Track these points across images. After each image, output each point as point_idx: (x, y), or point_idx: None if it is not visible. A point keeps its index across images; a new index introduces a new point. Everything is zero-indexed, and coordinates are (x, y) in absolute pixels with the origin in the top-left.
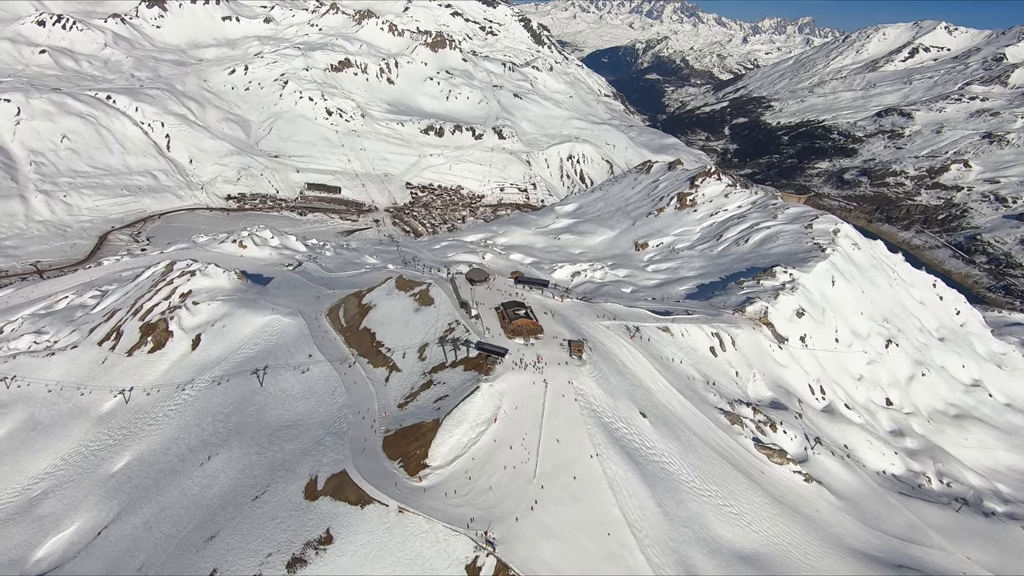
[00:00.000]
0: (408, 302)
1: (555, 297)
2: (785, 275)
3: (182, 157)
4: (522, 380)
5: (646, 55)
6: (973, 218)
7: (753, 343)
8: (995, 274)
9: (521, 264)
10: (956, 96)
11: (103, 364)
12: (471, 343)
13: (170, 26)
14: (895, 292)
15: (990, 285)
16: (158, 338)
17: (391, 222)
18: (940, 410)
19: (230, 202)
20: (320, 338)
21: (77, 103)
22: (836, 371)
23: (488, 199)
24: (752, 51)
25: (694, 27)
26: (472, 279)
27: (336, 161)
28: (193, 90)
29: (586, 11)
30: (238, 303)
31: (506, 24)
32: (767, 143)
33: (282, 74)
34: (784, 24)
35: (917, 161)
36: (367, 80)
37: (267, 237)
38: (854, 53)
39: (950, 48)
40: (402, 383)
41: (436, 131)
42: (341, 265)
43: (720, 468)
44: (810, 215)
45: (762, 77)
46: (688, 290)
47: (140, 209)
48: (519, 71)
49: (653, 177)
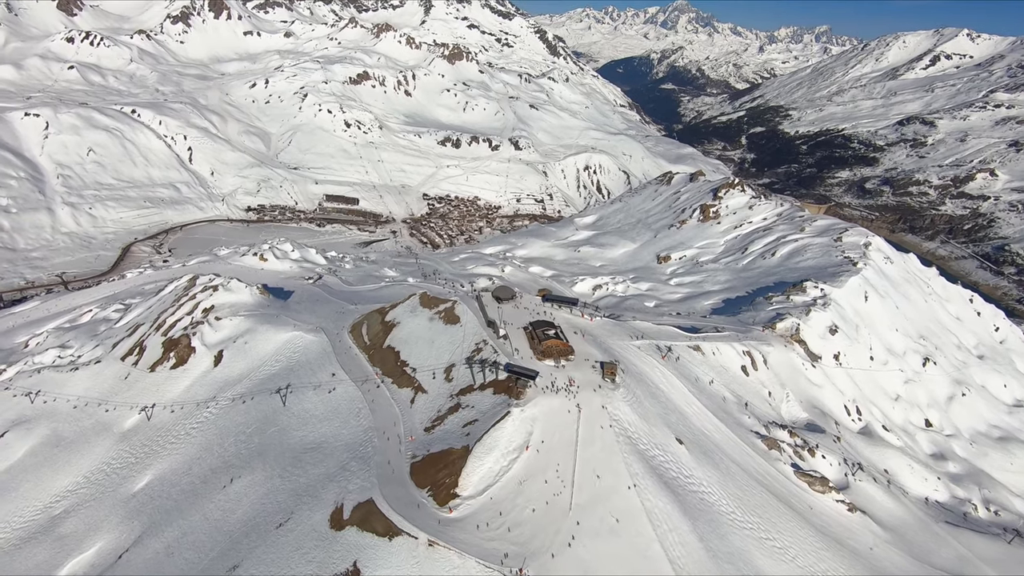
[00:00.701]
0: (433, 320)
1: (584, 316)
2: (816, 290)
3: (204, 169)
4: (554, 405)
5: (661, 65)
6: (1001, 228)
7: (785, 361)
8: None
9: (541, 277)
10: (980, 104)
11: (126, 380)
12: (500, 365)
13: (193, 41)
14: (930, 308)
15: (1020, 297)
16: (180, 354)
17: (408, 233)
18: (983, 432)
19: (250, 214)
20: (343, 356)
21: (103, 117)
22: (872, 391)
23: (505, 210)
24: (769, 60)
25: (709, 37)
26: (499, 297)
27: (354, 173)
28: (215, 104)
29: (600, 22)
30: (260, 319)
31: (522, 36)
32: (785, 152)
33: (302, 87)
34: (801, 33)
35: (941, 170)
36: (385, 92)
37: (288, 250)
38: (873, 61)
39: (973, 55)
40: (428, 405)
41: (453, 142)
42: (361, 278)
43: (760, 498)
44: (839, 227)
45: (779, 86)
46: (714, 305)
47: (162, 221)
48: (535, 82)
49: (674, 188)
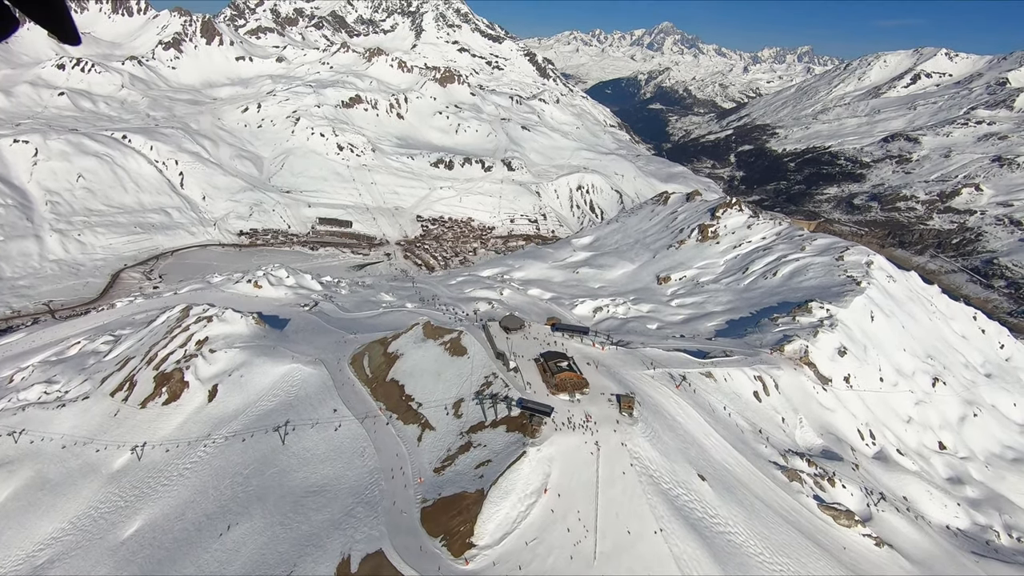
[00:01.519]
0: (438, 351)
1: (595, 345)
2: (822, 311)
3: (195, 194)
4: (571, 443)
5: (648, 86)
6: (988, 242)
7: (796, 385)
8: (1015, 298)
9: (540, 299)
10: (962, 121)
11: (115, 417)
12: (512, 400)
13: (185, 67)
14: (935, 326)
15: (1011, 310)
16: (173, 389)
17: (402, 255)
18: (997, 454)
19: (242, 238)
20: (344, 390)
21: (93, 143)
22: (884, 413)
23: (499, 231)
24: (754, 80)
25: (695, 58)
26: (507, 327)
27: (347, 195)
28: (207, 128)
29: (588, 44)
30: (256, 351)
31: (512, 59)
32: (774, 170)
33: (294, 111)
34: (783, 53)
35: (927, 185)
36: (377, 115)
37: (282, 276)
38: (856, 80)
39: (951, 74)
40: (437, 444)
41: (446, 164)
42: (357, 304)
43: (787, 535)
44: (840, 246)
45: (765, 105)
46: (717, 326)
47: (153, 246)
48: (526, 104)
49: (671, 208)
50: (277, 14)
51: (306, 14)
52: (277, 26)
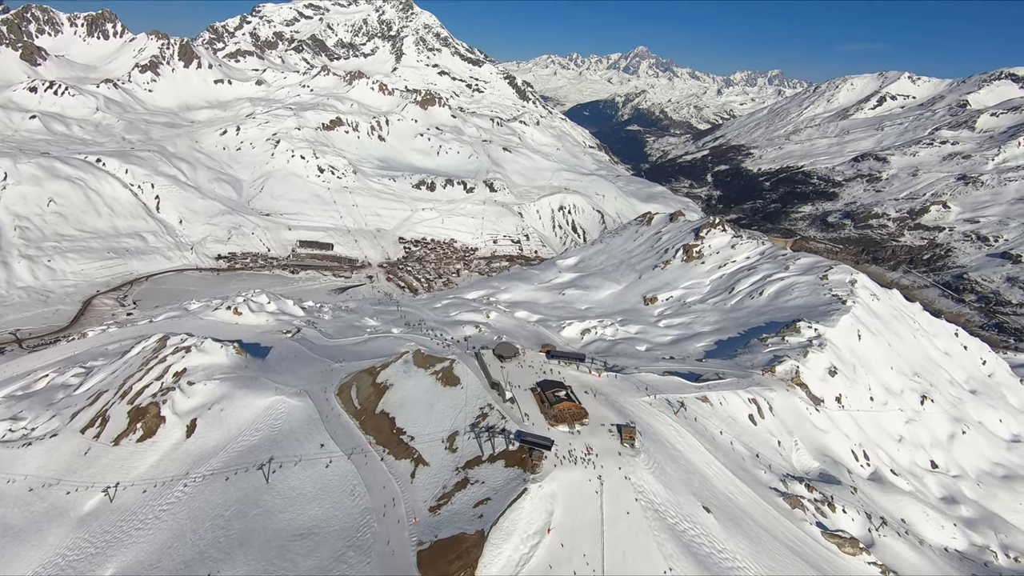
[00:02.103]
0: (430, 381)
1: (592, 372)
2: (810, 330)
3: (172, 218)
4: (574, 478)
5: (626, 108)
6: (958, 257)
7: (790, 407)
8: (986, 312)
9: (527, 322)
10: (928, 141)
11: (86, 455)
12: (510, 433)
13: (162, 90)
14: (920, 343)
15: (983, 323)
16: (148, 424)
17: (385, 278)
18: (987, 471)
19: (220, 262)
20: (331, 423)
21: (66, 167)
22: (876, 433)
23: (482, 251)
24: (727, 102)
25: (670, 81)
26: (501, 355)
27: (328, 218)
28: (184, 151)
29: (566, 68)
30: (237, 382)
31: (491, 82)
32: (750, 189)
33: (274, 134)
34: (755, 76)
35: (897, 203)
36: (358, 138)
37: (263, 302)
38: (825, 102)
39: (915, 96)
40: (432, 480)
41: (428, 186)
42: (341, 329)
43: (794, 567)
44: (823, 265)
45: (739, 126)
46: (706, 347)
47: (127, 272)
48: (507, 125)
49: (655, 229)
50: (256, 37)
51: (286, 38)
52: (256, 49)
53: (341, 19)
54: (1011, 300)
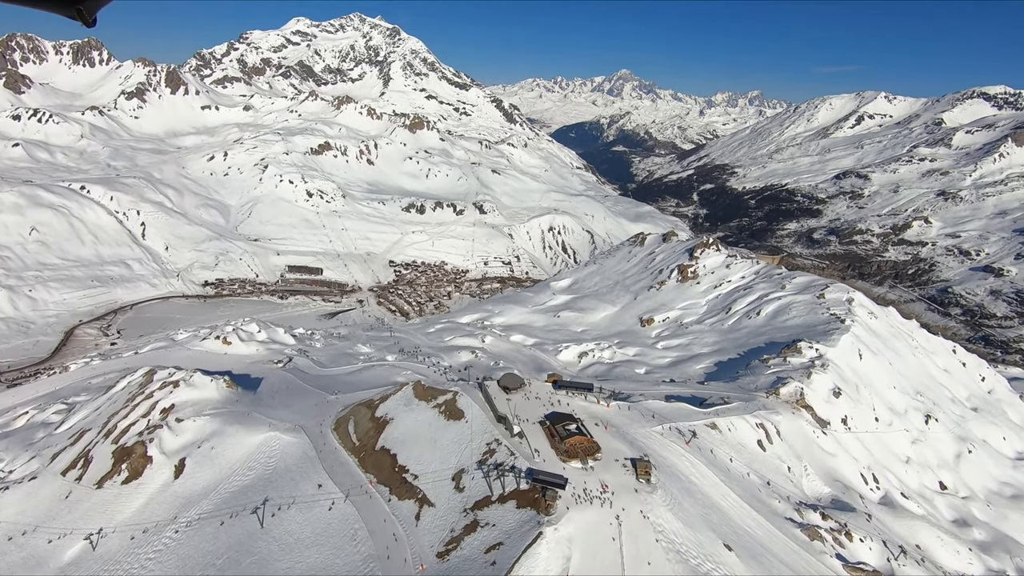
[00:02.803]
0: (432, 415)
1: (600, 402)
2: (811, 350)
3: (158, 245)
4: (591, 519)
5: (611, 129)
6: (942, 272)
7: (797, 431)
8: (972, 325)
9: (524, 346)
10: (907, 158)
11: (67, 499)
12: (520, 471)
13: (149, 116)
14: (920, 362)
15: (969, 336)
16: (134, 465)
17: (376, 302)
18: (995, 491)
19: (207, 288)
20: (329, 461)
21: (49, 195)
22: (883, 455)
23: (472, 274)
24: (710, 122)
25: (653, 102)
26: (506, 386)
27: (317, 242)
28: (171, 177)
29: (551, 91)
30: (228, 418)
31: (479, 105)
32: (736, 207)
33: (262, 159)
34: (735, 98)
35: (880, 219)
36: (347, 162)
37: (254, 331)
38: (805, 122)
39: (892, 115)
40: (438, 522)
41: (417, 208)
42: (333, 358)
43: None
44: (819, 284)
45: (723, 146)
46: (706, 369)
47: (111, 300)
48: (495, 148)
49: (648, 249)
50: (244, 64)
51: (273, 64)
52: (244, 75)
53: (328, 45)
54: (995, 313)
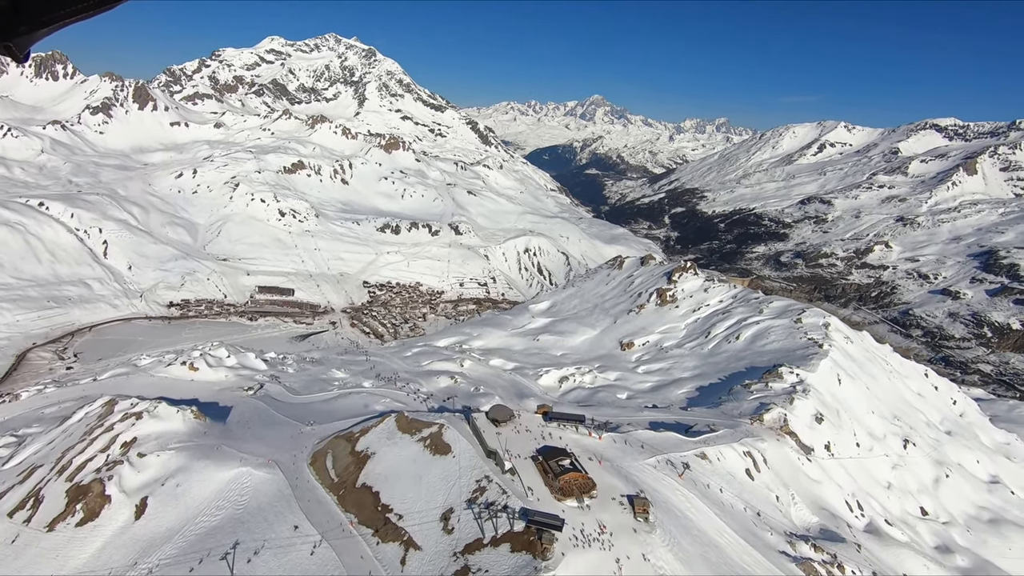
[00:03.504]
0: (417, 449)
1: (591, 434)
2: (792, 376)
3: (120, 264)
4: (590, 562)
5: (584, 152)
6: (903, 294)
7: (783, 458)
8: (932, 346)
9: (503, 370)
10: (867, 185)
11: (13, 544)
12: (514, 511)
13: (114, 132)
14: (895, 386)
15: (930, 357)
16: (90, 505)
17: (349, 324)
18: (973, 515)
19: (172, 310)
20: (306, 499)
21: (4, 211)
22: (866, 481)
23: (448, 295)
24: (680, 148)
25: (624, 127)
26: (495, 418)
27: (289, 262)
28: (136, 195)
29: (525, 114)
30: (196, 452)
31: (454, 127)
32: (706, 230)
33: (233, 177)
34: (703, 124)
35: (844, 243)
36: (321, 181)
37: (223, 356)
38: (770, 149)
39: (851, 144)
40: (426, 568)
41: (392, 229)
42: (307, 384)
43: None
44: (796, 309)
45: (692, 171)
46: (688, 394)
47: (68, 322)
48: (471, 169)
49: (627, 272)
50: (215, 81)
51: (246, 82)
52: (215, 92)
53: (303, 64)
54: (954, 335)
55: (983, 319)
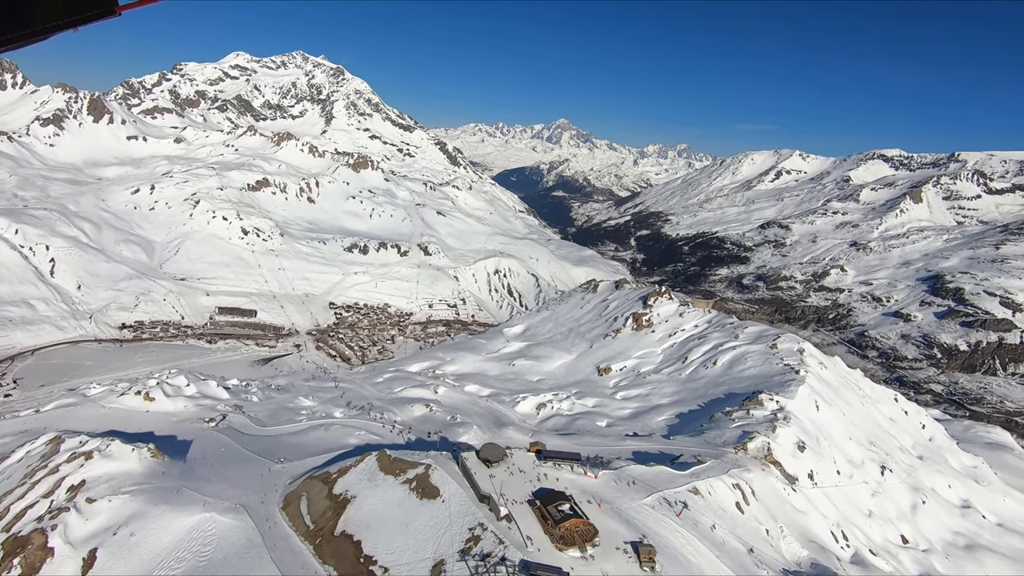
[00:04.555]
0: (402, 493)
1: (587, 473)
2: (772, 403)
3: (69, 283)
4: None
5: (551, 174)
6: (858, 317)
7: (769, 489)
8: (887, 367)
9: (479, 397)
10: (822, 211)
11: None
12: (513, 564)
13: (66, 144)
14: (868, 411)
15: (886, 378)
16: (30, 559)
17: (314, 347)
18: (950, 541)
19: (125, 332)
20: (278, 549)
21: None
22: (848, 510)
23: (417, 316)
24: (644, 171)
25: (590, 151)
26: (487, 459)
27: (252, 282)
28: (89, 210)
29: (492, 136)
30: (153, 496)
31: (423, 147)
32: (671, 253)
33: (193, 193)
34: (665, 150)
35: (802, 267)
36: (287, 199)
37: (181, 385)
38: (731, 175)
39: (806, 171)
40: None
41: (360, 249)
42: (273, 413)
43: None
44: (770, 334)
45: (656, 194)
46: (667, 421)
47: (8, 345)
48: (440, 190)
49: (601, 296)
50: (176, 95)
51: (209, 96)
52: (176, 107)
53: (269, 81)
54: (907, 355)
55: (933, 340)
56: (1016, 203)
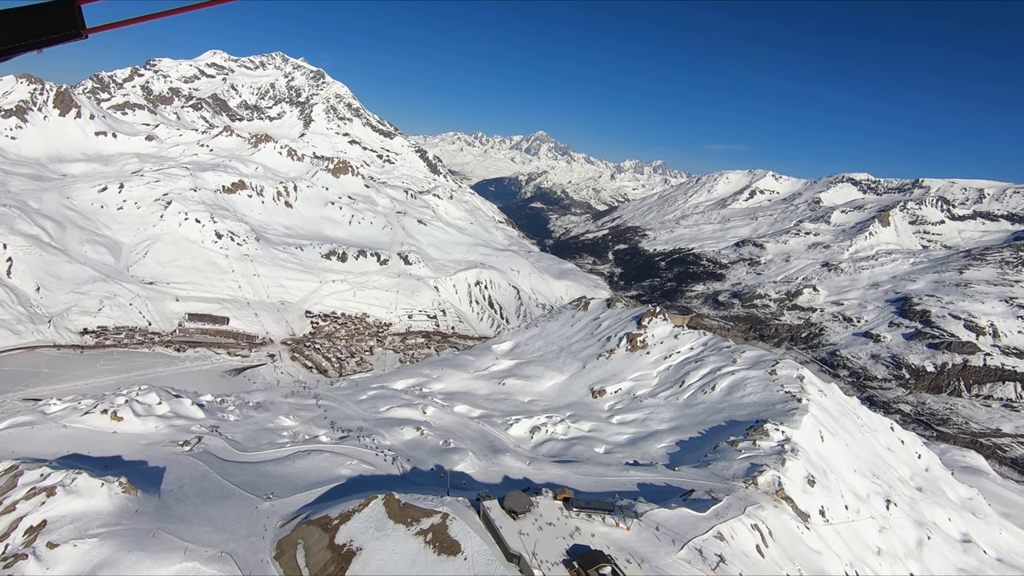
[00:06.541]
0: (416, 546)
1: (619, 525)
2: (778, 433)
3: (27, 284)
4: None
5: (529, 186)
6: (830, 336)
7: (783, 528)
8: (858, 386)
9: (469, 418)
10: (794, 231)
11: None
12: None
13: (29, 138)
14: (868, 441)
15: (858, 397)
16: None
17: (290, 357)
18: None
19: (86, 337)
20: None
21: None
22: (859, 547)
23: (396, 327)
24: (621, 186)
25: (568, 164)
26: (512, 509)
27: (225, 288)
28: (52, 208)
29: (471, 145)
30: (125, 540)
31: (403, 154)
32: (648, 267)
33: (165, 194)
34: (641, 165)
35: (776, 285)
36: (263, 203)
37: (152, 403)
38: (706, 192)
39: (779, 192)
40: None
41: (339, 256)
42: (252, 435)
43: None
44: (769, 360)
45: (633, 209)
46: (668, 448)
47: None
48: (420, 198)
49: (593, 315)
50: (149, 91)
51: (183, 94)
52: (148, 103)
53: (247, 81)
54: (876, 375)
55: (901, 361)
56: (977, 229)
